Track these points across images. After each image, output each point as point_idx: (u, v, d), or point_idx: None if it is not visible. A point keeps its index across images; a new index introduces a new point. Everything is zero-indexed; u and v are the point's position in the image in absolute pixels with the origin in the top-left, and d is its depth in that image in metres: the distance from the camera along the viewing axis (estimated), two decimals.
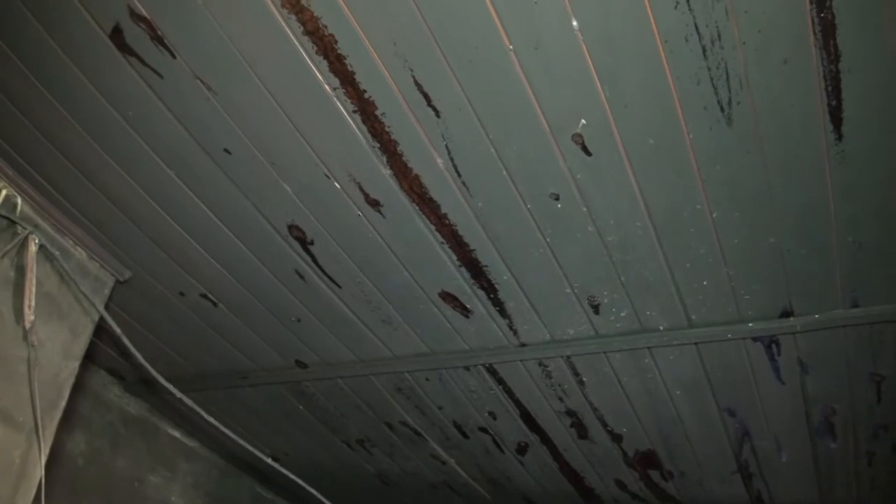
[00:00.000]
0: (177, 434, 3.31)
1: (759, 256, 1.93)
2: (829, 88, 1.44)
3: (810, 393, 2.50)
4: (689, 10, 1.33)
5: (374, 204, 1.90)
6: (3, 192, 1.97)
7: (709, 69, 1.42)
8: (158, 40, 1.55)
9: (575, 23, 1.38)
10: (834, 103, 1.47)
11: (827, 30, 1.32)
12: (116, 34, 1.56)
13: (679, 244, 1.91)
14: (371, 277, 2.20)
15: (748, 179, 1.67)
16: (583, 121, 1.57)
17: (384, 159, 1.76)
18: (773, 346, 2.39)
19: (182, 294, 2.45)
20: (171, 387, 2.18)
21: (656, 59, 1.41)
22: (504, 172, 1.74)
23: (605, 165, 1.67)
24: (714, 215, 1.80)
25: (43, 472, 1.98)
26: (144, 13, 1.50)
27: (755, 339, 2.34)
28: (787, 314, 2.14)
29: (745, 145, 1.56)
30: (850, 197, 1.64)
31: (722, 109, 1.50)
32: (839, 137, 1.52)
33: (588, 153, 1.66)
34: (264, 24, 1.47)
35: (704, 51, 1.39)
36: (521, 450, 3.12)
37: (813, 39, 1.34)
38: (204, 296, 2.43)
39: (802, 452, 3.01)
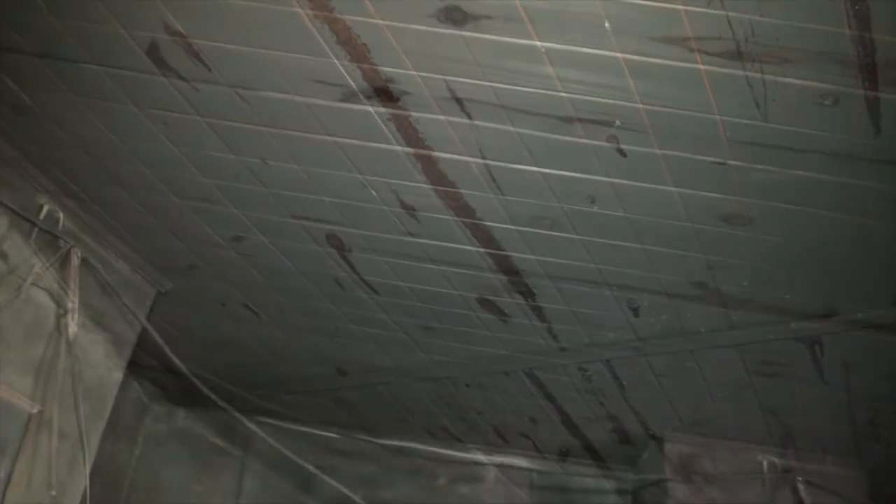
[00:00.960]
0: (219, 442, 3.39)
1: (801, 256, 1.90)
2: (867, 83, 1.42)
3: (854, 393, 2.45)
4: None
5: (410, 210, 1.90)
6: (46, 207, 2.06)
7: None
8: (194, 54, 1.56)
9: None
10: (871, 95, 1.44)
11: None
12: (153, 50, 1.58)
13: (718, 244, 1.86)
14: (409, 284, 2.20)
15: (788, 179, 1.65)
16: (617, 121, 1.56)
17: (419, 166, 1.76)
18: (816, 346, 2.34)
19: (223, 304, 2.52)
20: (213, 396, 2.33)
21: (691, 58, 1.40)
22: (539, 175, 1.71)
23: (641, 165, 1.65)
24: (754, 215, 1.77)
25: (87, 480, 2.09)
26: (180, 28, 1.52)
27: (797, 340, 2.30)
28: (829, 314, 2.10)
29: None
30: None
31: (758, 106, 1.48)
32: (878, 131, 1.50)
33: (623, 154, 1.64)
34: (298, 34, 1.48)
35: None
36: (563, 455, 3.16)
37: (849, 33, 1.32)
38: (245, 305, 2.51)
39: (846, 454, 2.94)
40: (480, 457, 3.43)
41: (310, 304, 2.42)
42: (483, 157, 1.74)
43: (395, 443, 3.29)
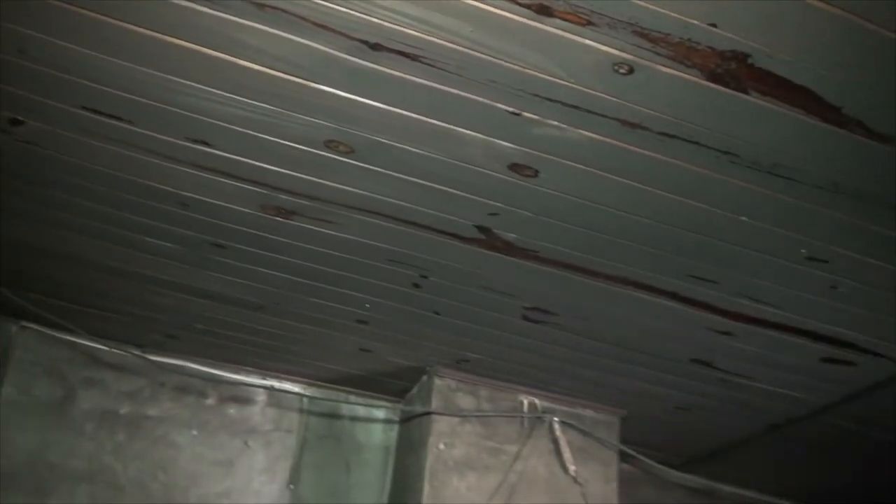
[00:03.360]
0: (733, 489, 4.23)
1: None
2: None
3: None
4: None
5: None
6: (526, 401, 3.19)
7: None
8: None
9: None
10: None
11: None
12: None
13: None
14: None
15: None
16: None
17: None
18: None
19: (663, 411, 3.33)
20: (669, 469, 3.64)
21: None
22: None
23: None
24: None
25: None
26: None
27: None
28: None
29: None
30: None
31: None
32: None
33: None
34: None
35: None
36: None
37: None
38: (678, 407, 3.37)
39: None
40: (252, 379, 3.40)
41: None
42: (282, 72, 1.69)
43: (166, 359, 3.19)
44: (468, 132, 1.80)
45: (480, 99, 1.69)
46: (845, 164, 1.85)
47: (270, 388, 3.42)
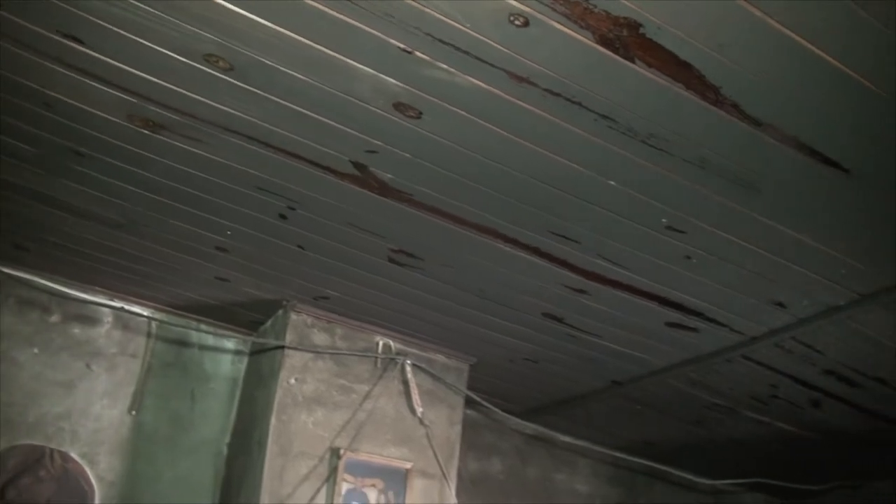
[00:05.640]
0: (569, 439, 4.40)
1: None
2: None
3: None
4: None
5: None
6: (381, 342, 3.26)
7: None
8: None
9: None
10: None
11: None
12: None
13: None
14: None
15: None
16: None
17: None
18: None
19: (512, 361, 3.43)
20: (512, 417, 3.94)
21: None
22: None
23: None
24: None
25: (454, 498, 3.28)
26: None
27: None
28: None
29: None
30: None
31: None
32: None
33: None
34: None
35: None
36: (816, 403, 3.41)
37: None
38: (526, 359, 3.49)
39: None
40: (100, 299, 3.24)
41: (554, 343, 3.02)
42: None
43: (12, 271, 3.00)
44: (357, 64, 1.75)
45: (374, 32, 1.65)
46: (716, 142, 1.94)
47: (119, 310, 3.27)
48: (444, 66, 1.73)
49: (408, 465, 3.12)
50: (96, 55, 1.84)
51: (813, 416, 3.52)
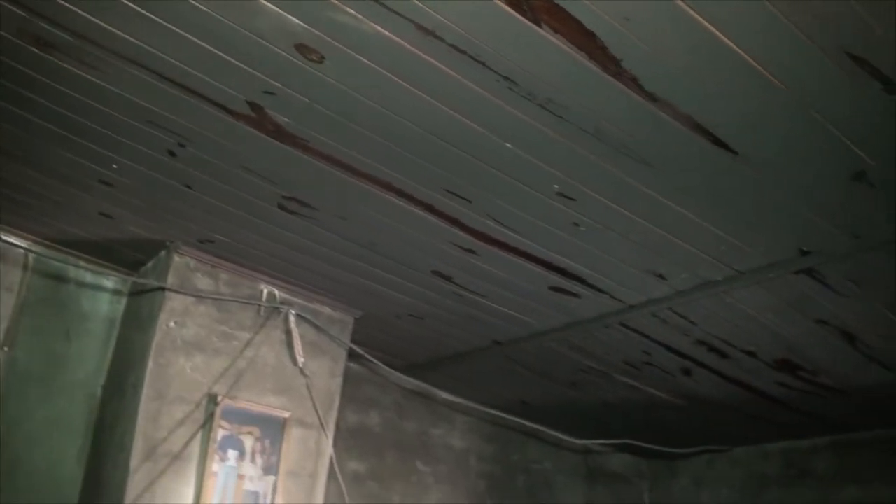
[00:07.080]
0: (448, 396, 4.46)
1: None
2: None
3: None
4: None
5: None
6: (266, 290, 3.21)
7: None
8: None
9: None
10: None
11: None
12: None
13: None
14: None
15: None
16: None
17: None
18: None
19: (398, 317, 3.49)
20: (393, 372, 3.93)
21: None
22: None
23: None
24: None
25: (331, 449, 3.32)
26: None
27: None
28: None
29: None
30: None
31: None
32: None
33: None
34: None
35: None
36: (687, 372, 3.51)
37: None
38: (412, 315, 3.55)
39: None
40: None
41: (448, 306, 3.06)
42: None
43: None
44: (263, 2, 1.70)
45: None
46: (612, 113, 1.99)
47: None
48: (352, 12, 1.69)
49: (286, 415, 3.15)
50: None
51: (683, 383, 3.70)
